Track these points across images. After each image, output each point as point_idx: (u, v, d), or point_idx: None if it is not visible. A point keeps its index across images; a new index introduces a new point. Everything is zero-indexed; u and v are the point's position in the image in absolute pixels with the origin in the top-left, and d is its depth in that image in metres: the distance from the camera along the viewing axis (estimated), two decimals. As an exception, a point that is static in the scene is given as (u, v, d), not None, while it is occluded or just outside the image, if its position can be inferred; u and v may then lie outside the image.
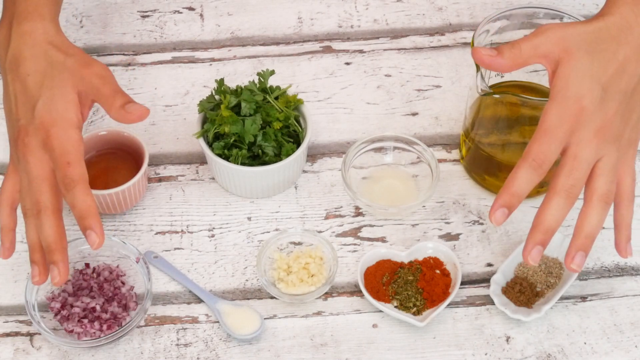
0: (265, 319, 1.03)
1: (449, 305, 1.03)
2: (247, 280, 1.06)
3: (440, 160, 1.14)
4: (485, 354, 1.01)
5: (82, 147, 0.95)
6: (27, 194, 0.95)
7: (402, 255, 1.06)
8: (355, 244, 1.08)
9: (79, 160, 0.94)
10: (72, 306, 1.01)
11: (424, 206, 1.11)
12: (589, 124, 0.90)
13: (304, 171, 1.14)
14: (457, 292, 1.04)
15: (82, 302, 1.01)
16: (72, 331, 1.00)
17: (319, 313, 1.04)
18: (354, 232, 1.09)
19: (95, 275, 1.04)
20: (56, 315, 1.02)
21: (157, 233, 1.09)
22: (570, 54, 0.92)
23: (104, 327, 1.00)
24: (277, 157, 1.09)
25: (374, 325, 1.03)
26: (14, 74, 0.98)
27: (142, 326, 1.03)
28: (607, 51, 0.92)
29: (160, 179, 1.14)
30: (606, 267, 1.06)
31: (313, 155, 1.15)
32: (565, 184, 0.90)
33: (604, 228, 1.09)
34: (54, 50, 0.98)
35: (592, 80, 0.91)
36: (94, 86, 0.97)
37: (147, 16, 1.28)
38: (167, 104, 1.20)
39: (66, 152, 0.94)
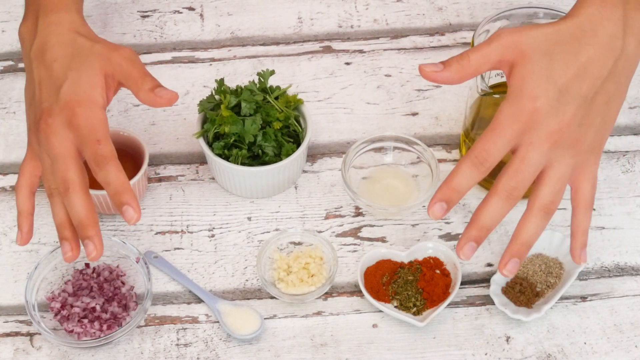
0: (265, 319, 1.03)
1: (449, 305, 1.03)
2: (247, 280, 1.06)
3: (440, 160, 1.14)
4: (485, 354, 1.01)
5: (108, 127, 0.95)
6: (51, 174, 0.94)
7: (402, 255, 1.06)
8: (355, 244, 1.08)
9: (108, 137, 0.93)
10: (72, 306, 1.01)
11: (424, 206, 1.11)
12: (541, 126, 0.88)
13: (304, 171, 1.14)
14: (457, 292, 1.04)
15: (82, 302, 1.01)
16: (72, 331, 1.00)
17: (319, 313, 1.04)
18: (354, 232, 1.09)
19: (95, 275, 1.04)
20: (56, 315, 1.02)
21: (157, 233, 1.09)
22: (526, 56, 0.89)
23: (104, 327, 1.00)
24: (277, 157, 1.09)
25: (374, 325, 1.03)
26: (39, 60, 0.98)
27: (142, 326, 1.03)
28: (567, 52, 0.88)
29: (160, 179, 1.14)
30: (606, 267, 1.07)
31: (313, 155, 1.15)
32: (506, 184, 0.88)
33: (603, 228, 1.09)
34: (81, 37, 0.98)
35: (548, 81, 0.88)
36: (123, 69, 0.96)
37: (147, 16, 1.28)
38: (167, 104, 1.20)
39: (94, 129, 0.93)
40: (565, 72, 0.88)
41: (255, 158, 1.09)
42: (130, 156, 1.10)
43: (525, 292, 1.03)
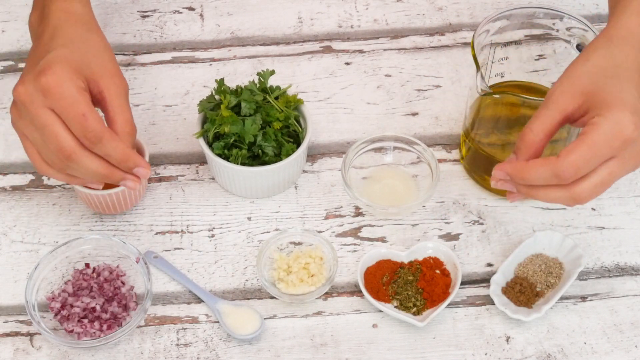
0: (265, 319, 1.03)
1: (449, 305, 1.03)
2: (247, 280, 1.06)
3: (440, 160, 1.14)
4: (485, 354, 1.01)
5: (88, 95, 0.91)
6: (46, 148, 0.91)
7: (402, 255, 1.06)
8: (355, 244, 1.08)
9: (92, 108, 0.90)
10: (72, 306, 1.01)
11: (424, 206, 1.11)
12: (635, 144, 0.84)
13: (304, 171, 1.14)
14: (457, 292, 1.04)
15: (82, 302, 1.01)
16: (72, 331, 1.00)
17: (319, 313, 1.04)
18: (354, 232, 1.09)
19: (95, 275, 1.04)
20: (56, 315, 1.02)
21: (157, 233, 1.09)
22: (590, 92, 0.85)
23: (104, 327, 1.00)
24: (277, 157, 1.08)
25: (374, 325, 1.03)
26: (39, 39, 0.97)
27: (142, 326, 1.03)
28: (626, 68, 0.86)
29: (160, 179, 1.14)
30: (606, 267, 1.07)
31: (313, 155, 1.15)
32: (583, 191, 0.85)
33: (603, 228, 1.09)
34: (94, 34, 0.97)
35: (633, 91, 0.84)
36: (119, 101, 0.95)
37: (147, 16, 1.28)
38: (167, 104, 1.20)
39: (76, 101, 0.89)
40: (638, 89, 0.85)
41: (255, 158, 1.09)
42: (130, 156, 1.10)
43: (525, 292, 1.03)
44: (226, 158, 1.08)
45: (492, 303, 1.03)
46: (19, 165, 1.14)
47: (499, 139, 1.08)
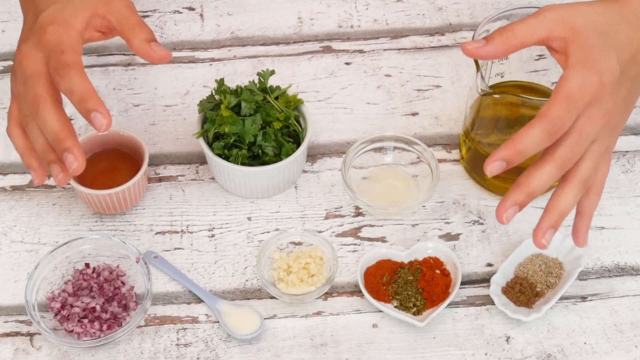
0: (265, 319, 1.03)
1: (449, 305, 1.03)
2: (247, 280, 1.06)
3: (440, 160, 1.14)
4: (485, 354, 1.01)
5: (80, 47, 0.90)
6: (24, 98, 0.90)
7: (402, 255, 1.06)
8: (355, 244, 1.08)
9: (75, 49, 0.89)
10: (72, 306, 1.01)
11: (424, 206, 1.11)
12: (602, 102, 0.86)
13: (304, 171, 1.14)
14: (457, 292, 1.04)
15: (82, 302, 1.01)
16: (72, 331, 1.00)
17: (319, 313, 1.04)
18: (354, 232, 1.09)
19: (95, 275, 1.04)
20: (56, 315, 1.02)
21: (157, 233, 1.09)
22: (579, 32, 0.87)
23: (104, 327, 1.00)
24: (277, 157, 1.09)
25: (374, 325, 1.03)
26: (33, 4, 0.97)
27: (142, 326, 1.03)
28: (623, 34, 0.88)
29: (160, 179, 1.14)
30: (606, 267, 1.07)
31: (313, 155, 1.15)
32: (564, 154, 0.87)
33: (603, 228, 1.09)
34: None
35: (611, 58, 0.86)
36: (122, 14, 0.94)
37: (147, 16, 1.28)
38: (167, 104, 1.20)
39: (60, 43, 0.89)
40: (624, 53, 0.87)
41: (255, 158, 1.09)
42: (130, 156, 1.10)
43: (525, 292, 1.03)
44: (226, 158, 1.08)
45: (492, 303, 1.03)
46: (19, 165, 1.14)
47: (499, 139, 1.08)
